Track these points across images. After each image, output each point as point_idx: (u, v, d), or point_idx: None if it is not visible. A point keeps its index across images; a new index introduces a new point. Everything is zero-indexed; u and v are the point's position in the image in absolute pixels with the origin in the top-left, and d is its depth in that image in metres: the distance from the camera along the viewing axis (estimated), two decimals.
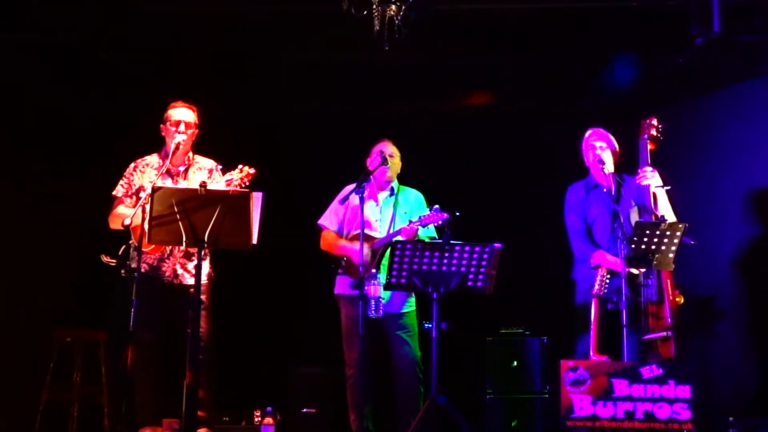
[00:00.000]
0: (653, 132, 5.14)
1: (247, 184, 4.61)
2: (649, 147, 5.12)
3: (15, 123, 5.85)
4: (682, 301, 4.96)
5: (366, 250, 5.03)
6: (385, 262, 5.05)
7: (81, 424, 5.71)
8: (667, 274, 4.88)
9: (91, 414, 5.79)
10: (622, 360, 4.55)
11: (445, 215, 4.99)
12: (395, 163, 5.48)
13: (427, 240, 5.22)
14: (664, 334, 4.83)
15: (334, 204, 5.43)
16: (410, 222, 5.11)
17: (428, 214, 5.06)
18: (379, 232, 5.37)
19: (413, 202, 5.48)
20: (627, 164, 5.32)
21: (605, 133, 5.27)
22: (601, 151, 5.19)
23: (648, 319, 4.87)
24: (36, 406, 5.66)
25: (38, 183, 6.05)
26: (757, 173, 6.01)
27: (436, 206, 5.06)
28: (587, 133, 5.29)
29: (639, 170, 5.10)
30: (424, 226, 5.11)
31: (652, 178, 5.05)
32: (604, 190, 5.12)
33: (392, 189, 5.52)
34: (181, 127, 5.00)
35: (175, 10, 5.62)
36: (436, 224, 5.08)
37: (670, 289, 4.88)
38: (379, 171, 5.37)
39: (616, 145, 5.27)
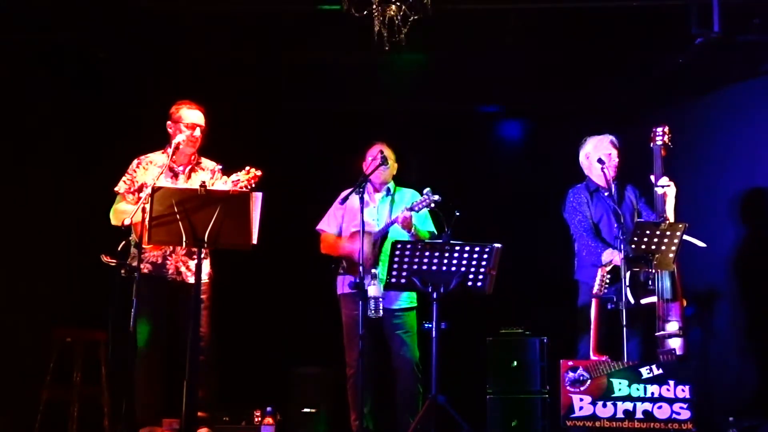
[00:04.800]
0: (666, 140, 5.14)
1: (254, 185, 4.61)
2: (662, 154, 5.13)
3: (15, 122, 5.84)
4: (685, 303, 5.00)
5: (367, 248, 5.02)
6: (385, 259, 5.05)
7: (81, 424, 5.70)
8: (678, 274, 4.89)
9: (91, 414, 5.79)
10: (622, 360, 4.55)
11: (437, 197, 4.99)
12: (391, 166, 5.49)
13: (426, 238, 5.23)
14: (676, 331, 4.84)
15: (333, 207, 5.47)
16: (405, 209, 5.12)
17: (420, 200, 5.07)
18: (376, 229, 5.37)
19: (409, 200, 5.47)
20: (628, 165, 5.31)
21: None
22: (617, 156, 5.21)
23: (658, 318, 4.88)
24: (36, 406, 5.66)
25: (38, 182, 6.05)
26: (757, 173, 6.01)
27: (427, 189, 5.06)
28: (603, 139, 5.24)
29: (654, 180, 5.09)
30: (417, 211, 5.10)
31: (668, 187, 5.05)
32: (606, 193, 5.15)
33: (388, 189, 5.53)
34: (197, 132, 5.00)
35: (175, 9, 5.62)
36: (428, 207, 5.07)
37: (680, 288, 4.90)
38: (375, 173, 5.38)
39: None
